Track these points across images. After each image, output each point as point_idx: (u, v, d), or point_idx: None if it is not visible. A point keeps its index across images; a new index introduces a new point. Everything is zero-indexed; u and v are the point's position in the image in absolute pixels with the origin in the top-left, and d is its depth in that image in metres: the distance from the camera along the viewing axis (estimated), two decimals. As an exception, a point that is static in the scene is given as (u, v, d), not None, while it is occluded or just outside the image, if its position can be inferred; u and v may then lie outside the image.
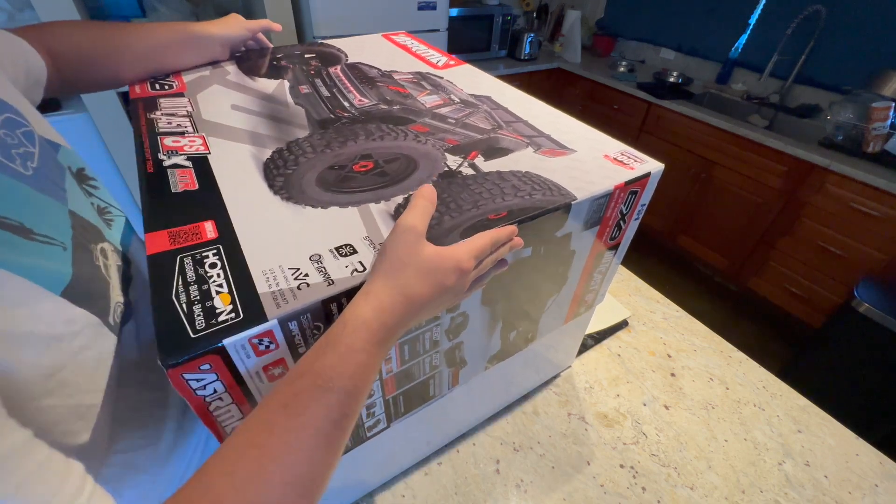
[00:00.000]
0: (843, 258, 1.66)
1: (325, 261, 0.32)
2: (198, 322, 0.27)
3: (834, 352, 1.57)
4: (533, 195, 0.40)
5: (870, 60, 1.80)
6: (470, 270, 0.32)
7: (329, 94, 0.55)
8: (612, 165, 0.45)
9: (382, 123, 0.49)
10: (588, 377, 0.73)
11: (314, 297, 0.29)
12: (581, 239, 0.45)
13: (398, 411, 0.46)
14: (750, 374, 0.74)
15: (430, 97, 0.56)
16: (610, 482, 0.59)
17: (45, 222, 0.30)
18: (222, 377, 0.27)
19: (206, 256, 0.31)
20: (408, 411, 0.47)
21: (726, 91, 2.24)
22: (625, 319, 0.82)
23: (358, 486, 0.55)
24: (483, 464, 0.60)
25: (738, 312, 2.06)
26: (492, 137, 0.49)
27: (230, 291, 0.29)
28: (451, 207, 0.37)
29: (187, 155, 0.42)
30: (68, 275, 0.30)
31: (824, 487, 0.59)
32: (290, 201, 0.37)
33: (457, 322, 0.42)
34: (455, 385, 0.50)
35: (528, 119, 0.53)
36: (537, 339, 0.56)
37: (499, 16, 2.37)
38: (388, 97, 0.55)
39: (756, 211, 1.90)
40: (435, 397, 0.49)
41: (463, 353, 0.46)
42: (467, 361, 0.48)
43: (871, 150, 1.62)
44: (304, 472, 0.24)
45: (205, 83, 0.55)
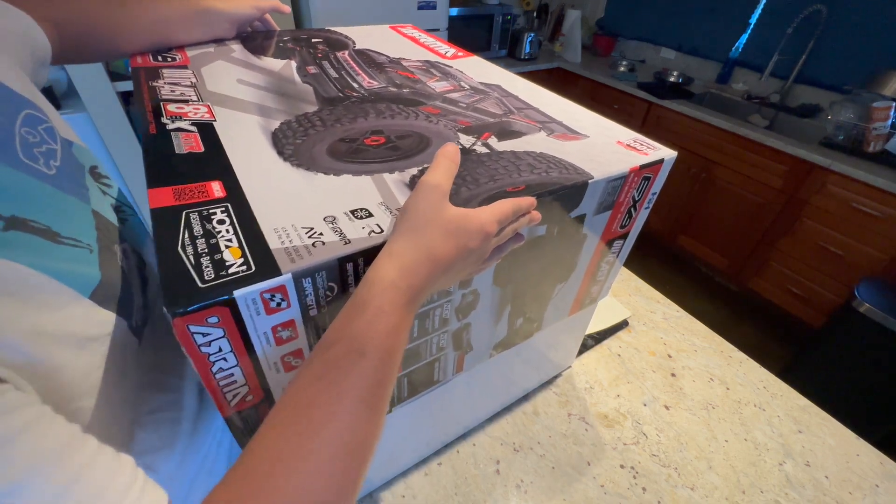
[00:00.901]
0: (844, 258, 1.66)
1: (339, 222, 0.31)
2: (206, 273, 0.26)
3: (834, 352, 1.57)
4: (549, 172, 0.39)
5: (870, 60, 1.80)
6: (493, 234, 0.31)
7: (337, 76, 0.54)
8: (626, 150, 0.45)
9: (392, 104, 0.48)
10: (588, 377, 0.73)
11: (331, 255, 0.28)
12: (593, 223, 0.45)
13: (401, 395, 0.45)
14: (750, 375, 0.74)
15: (439, 83, 0.55)
16: (610, 482, 0.59)
17: (71, 224, 0.29)
18: (229, 334, 0.27)
19: (213, 213, 0.30)
20: (411, 395, 0.46)
21: (727, 91, 2.24)
22: (625, 319, 0.82)
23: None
24: (483, 464, 0.60)
25: (739, 312, 2.06)
26: (504, 121, 0.48)
27: (240, 246, 0.28)
28: (468, 180, 0.37)
29: (192, 121, 0.41)
30: (96, 277, 0.29)
31: (825, 488, 0.59)
32: (301, 168, 0.36)
33: (468, 300, 0.41)
34: (459, 371, 0.49)
35: (539, 107, 0.53)
36: (541, 331, 0.56)
37: (499, 15, 2.37)
38: (398, 81, 0.54)
39: (757, 211, 1.90)
40: (439, 382, 0.48)
41: (470, 335, 0.46)
42: (473, 346, 0.48)
43: (872, 150, 1.62)
44: (349, 442, 0.24)
45: (209, 58, 0.54)
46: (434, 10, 1.84)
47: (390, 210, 0.33)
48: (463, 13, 2.24)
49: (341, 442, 0.23)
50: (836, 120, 1.71)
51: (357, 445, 0.24)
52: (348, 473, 0.24)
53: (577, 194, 0.40)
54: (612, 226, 0.48)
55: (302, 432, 0.23)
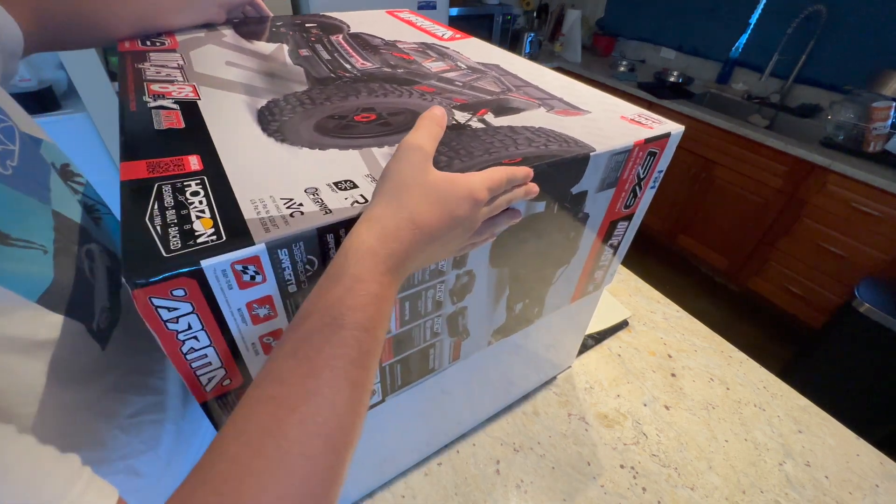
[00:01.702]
0: (844, 258, 1.66)
1: (321, 193, 0.29)
2: (173, 242, 0.24)
3: (834, 352, 1.57)
4: (549, 146, 0.37)
5: (870, 60, 1.80)
6: (483, 202, 0.29)
7: (330, 58, 0.53)
8: (630, 125, 0.43)
9: (386, 83, 0.47)
10: (588, 377, 0.73)
11: (309, 225, 0.26)
12: (596, 201, 0.43)
13: (395, 383, 0.43)
14: (750, 375, 0.74)
15: (435, 63, 0.54)
16: (610, 482, 0.59)
17: (25, 225, 0.28)
18: (199, 309, 0.25)
19: (187, 185, 0.28)
20: (405, 384, 0.45)
21: (727, 91, 2.24)
22: (625, 319, 0.82)
23: (358, 486, 0.54)
24: (483, 464, 0.60)
25: (739, 312, 2.06)
26: (501, 98, 0.46)
27: (213, 216, 0.26)
28: (462, 153, 0.35)
29: (175, 99, 0.39)
30: (48, 280, 0.28)
31: (825, 488, 0.59)
32: (286, 143, 0.35)
33: (462, 282, 0.39)
34: (456, 359, 0.48)
35: (540, 84, 0.51)
36: (541, 321, 0.54)
37: (499, 15, 2.37)
38: (392, 62, 0.53)
39: (756, 211, 1.90)
40: (435, 371, 0.47)
41: (466, 321, 0.44)
42: (470, 332, 0.46)
43: (872, 150, 1.62)
44: (328, 421, 0.22)
45: (199, 43, 0.53)
46: (434, 9, 1.84)
47: (377, 181, 0.31)
48: (463, 13, 2.24)
49: (320, 421, 0.21)
50: (836, 120, 1.71)
51: (338, 426, 0.22)
52: (329, 459, 0.21)
53: (577, 168, 0.38)
54: (615, 205, 0.46)
55: (275, 411, 0.21)
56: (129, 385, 0.37)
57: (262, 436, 0.20)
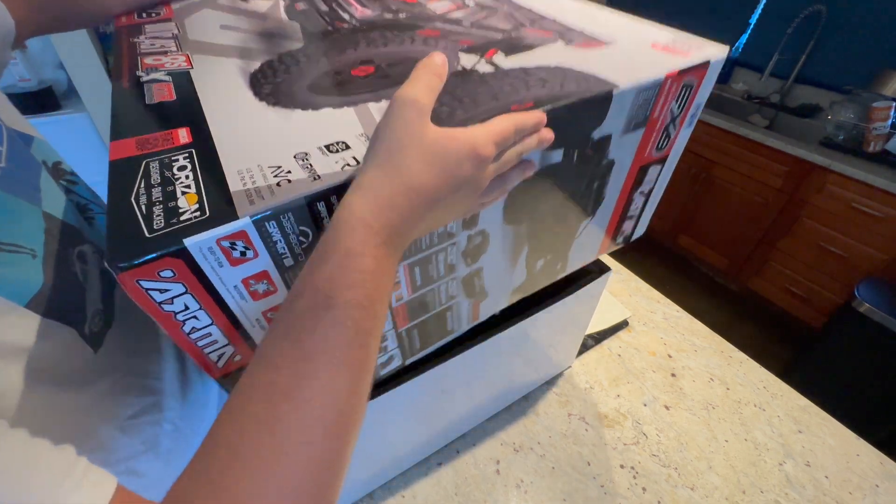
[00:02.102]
0: (844, 258, 1.66)
1: (311, 158, 0.27)
2: (156, 222, 0.23)
3: (834, 352, 1.57)
4: (565, 85, 0.33)
5: (870, 60, 1.80)
6: (489, 159, 0.26)
7: (328, 9, 0.50)
8: (662, 53, 0.38)
9: (386, 30, 0.43)
10: (588, 377, 0.73)
11: (296, 193, 0.25)
12: (622, 146, 0.38)
13: (413, 347, 0.41)
14: (750, 375, 0.74)
15: (440, 3, 0.49)
16: (610, 483, 0.59)
17: (14, 228, 0.28)
18: (192, 289, 0.24)
19: (175, 160, 0.27)
20: (424, 347, 0.43)
21: (727, 91, 2.24)
22: (625, 319, 0.82)
23: (358, 486, 0.54)
24: (483, 464, 0.60)
25: (739, 312, 2.06)
26: (513, 36, 0.41)
27: (198, 191, 0.25)
28: (465, 102, 0.32)
29: (168, 71, 0.37)
30: (37, 284, 0.28)
31: (825, 488, 0.59)
32: (278, 106, 0.33)
33: (475, 243, 0.36)
34: (475, 320, 0.45)
35: (557, 17, 0.45)
36: (567, 271, 0.50)
37: (499, 15, 2.37)
38: (394, 7, 0.49)
39: (756, 211, 1.90)
40: (453, 332, 0.44)
41: (483, 281, 0.41)
42: (488, 293, 0.42)
43: (872, 150, 1.62)
44: (326, 406, 0.20)
45: (194, 9, 0.51)
46: (434, 10, 1.84)
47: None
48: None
49: (317, 406, 0.20)
50: (836, 120, 1.72)
51: (337, 411, 0.21)
52: (330, 445, 0.20)
53: (598, 109, 0.34)
54: (645, 148, 0.41)
55: (269, 398, 0.20)
56: (126, 387, 0.37)
57: (258, 425, 0.19)
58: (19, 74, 1.38)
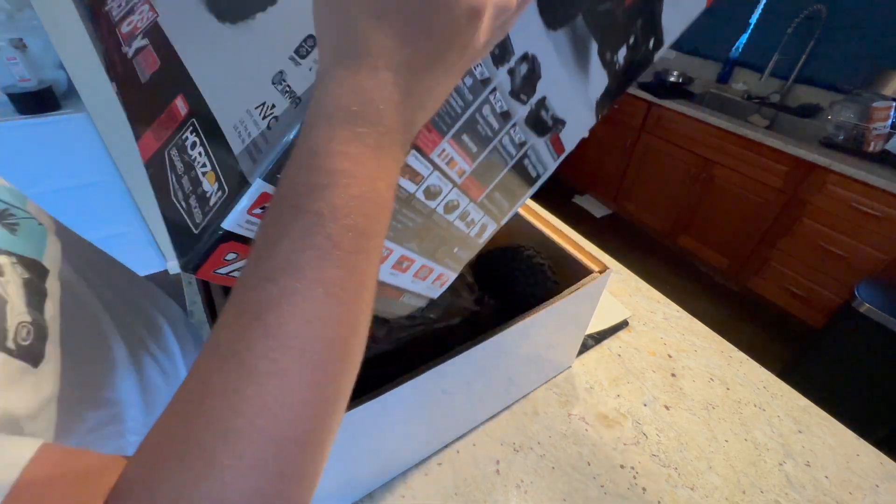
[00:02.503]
0: (844, 258, 1.66)
1: (287, 76, 0.25)
2: (196, 215, 0.23)
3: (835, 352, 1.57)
4: None
5: (870, 60, 1.80)
6: (482, 8, 0.20)
7: None
8: None
9: None
10: (588, 377, 0.73)
11: (284, 134, 0.23)
12: None
13: (502, 208, 0.38)
14: (750, 375, 0.74)
15: None
16: (610, 482, 0.59)
17: None
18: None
19: (185, 139, 0.27)
20: (514, 203, 0.39)
21: (727, 91, 2.24)
22: (625, 319, 0.82)
23: (358, 486, 0.54)
24: (483, 464, 0.60)
25: (739, 312, 2.06)
26: None
27: (213, 168, 0.25)
28: None
29: (142, 31, 0.35)
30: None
31: (825, 488, 0.59)
32: (238, 21, 0.29)
33: (522, 73, 0.30)
34: (560, 153, 0.38)
35: None
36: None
37: (499, 15, 2.37)
38: None
39: (756, 211, 1.90)
40: (540, 177, 0.39)
41: (553, 110, 0.34)
42: (565, 119, 0.36)
43: (872, 150, 1.62)
44: (300, 332, 0.18)
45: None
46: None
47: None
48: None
49: (290, 334, 0.17)
50: (836, 120, 1.72)
51: (316, 338, 0.18)
52: (309, 378, 0.18)
53: None
54: None
55: (240, 324, 0.18)
56: (79, 399, 0.34)
57: (229, 351, 0.17)
58: (19, 74, 1.38)
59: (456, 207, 0.34)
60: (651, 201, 2.35)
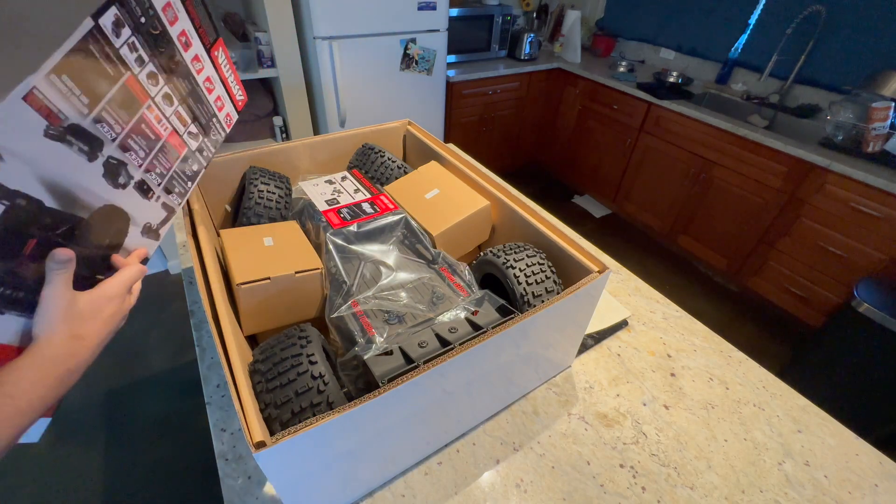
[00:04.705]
0: (843, 258, 1.66)
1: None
2: None
3: (834, 352, 1.57)
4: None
5: (870, 60, 1.80)
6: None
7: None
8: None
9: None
10: (588, 377, 0.73)
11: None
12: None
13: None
14: (750, 374, 0.74)
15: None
16: (610, 482, 0.59)
17: None
18: None
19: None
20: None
21: (726, 91, 2.24)
22: (625, 319, 0.82)
23: (358, 486, 0.55)
24: (483, 463, 0.60)
25: (738, 312, 2.06)
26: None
27: None
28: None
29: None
30: None
31: (824, 487, 0.59)
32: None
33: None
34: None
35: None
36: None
37: (499, 16, 2.37)
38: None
39: (756, 211, 1.90)
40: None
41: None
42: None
43: (871, 150, 1.62)
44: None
45: None
46: (434, 10, 1.84)
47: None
48: (463, 14, 2.24)
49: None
50: (835, 120, 1.72)
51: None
52: None
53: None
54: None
55: None
56: None
57: None
58: (19, 75, 1.37)
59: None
60: (650, 201, 2.35)
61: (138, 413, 1.52)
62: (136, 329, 1.81)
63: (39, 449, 1.39)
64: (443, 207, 0.77)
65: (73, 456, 1.38)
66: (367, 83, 1.87)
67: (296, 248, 0.68)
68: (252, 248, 0.65)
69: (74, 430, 1.45)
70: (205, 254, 0.58)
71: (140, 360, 1.70)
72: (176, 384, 1.62)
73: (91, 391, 1.57)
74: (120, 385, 1.61)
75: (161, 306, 1.92)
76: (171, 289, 2.01)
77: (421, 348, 0.52)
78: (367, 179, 0.87)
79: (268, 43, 1.68)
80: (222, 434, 0.61)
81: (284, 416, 0.44)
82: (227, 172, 0.83)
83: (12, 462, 1.35)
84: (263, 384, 0.46)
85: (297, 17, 1.70)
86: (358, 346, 0.53)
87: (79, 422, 1.48)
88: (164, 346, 1.76)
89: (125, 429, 1.47)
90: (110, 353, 1.71)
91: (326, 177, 0.87)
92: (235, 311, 0.60)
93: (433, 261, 0.71)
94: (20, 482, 1.31)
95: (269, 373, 0.47)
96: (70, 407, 1.52)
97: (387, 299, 0.63)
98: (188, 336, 1.76)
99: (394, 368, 0.49)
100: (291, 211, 0.83)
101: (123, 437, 1.45)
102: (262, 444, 0.37)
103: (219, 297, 0.52)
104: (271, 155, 0.87)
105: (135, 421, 1.50)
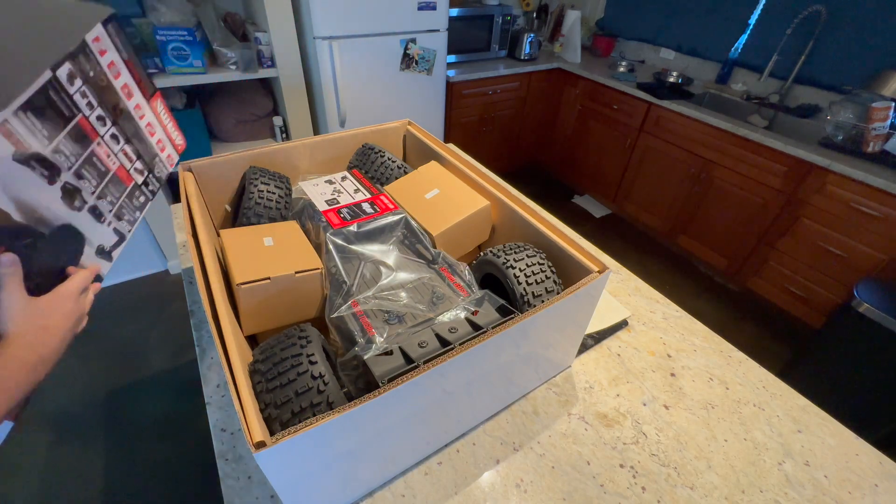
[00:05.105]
0: (843, 258, 1.66)
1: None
2: None
3: (834, 352, 1.57)
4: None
5: (870, 60, 1.80)
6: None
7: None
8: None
9: None
10: (588, 377, 0.73)
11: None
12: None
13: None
14: (750, 374, 0.74)
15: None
16: (610, 482, 0.59)
17: None
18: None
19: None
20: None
21: (726, 91, 2.24)
22: (625, 319, 0.82)
23: (358, 486, 0.55)
24: (483, 463, 0.60)
25: (738, 312, 2.06)
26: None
27: None
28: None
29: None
30: None
31: (824, 487, 0.59)
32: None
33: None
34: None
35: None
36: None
37: (499, 16, 2.37)
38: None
39: (756, 211, 1.90)
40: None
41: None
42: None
43: (871, 150, 1.62)
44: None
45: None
46: (434, 10, 1.84)
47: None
48: (463, 14, 2.24)
49: None
50: (835, 120, 1.72)
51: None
52: None
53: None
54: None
55: None
56: None
57: None
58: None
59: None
60: (650, 201, 2.35)
61: (138, 413, 1.52)
62: (136, 329, 1.81)
63: (40, 449, 1.39)
64: (443, 207, 0.77)
65: (73, 456, 1.38)
66: (367, 83, 1.87)
67: (296, 248, 0.68)
68: (252, 248, 0.65)
69: (74, 430, 1.45)
70: (205, 254, 0.58)
71: (140, 360, 1.70)
72: (176, 384, 1.62)
73: (91, 391, 1.57)
74: (120, 385, 1.61)
75: (161, 306, 1.92)
76: (171, 289, 2.01)
77: (421, 348, 0.52)
78: (367, 179, 0.87)
79: (268, 43, 1.69)
80: (222, 434, 0.62)
81: (284, 417, 0.44)
82: (227, 172, 0.83)
83: (12, 462, 1.35)
84: (263, 384, 0.46)
85: (297, 17, 1.70)
86: (358, 346, 0.53)
87: (79, 422, 1.48)
88: (164, 346, 1.76)
89: (125, 429, 1.47)
90: (110, 353, 1.71)
91: (326, 177, 0.87)
92: (235, 311, 0.60)
93: (433, 261, 0.71)
94: (20, 482, 1.31)
95: (269, 373, 0.47)
96: (70, 407, 1.52)
97: (387, 299, 0.63)
98: (188, 336, 1.76)
99: (394, 368, 0.49)
100: (291, 211, 0.83)
101: (123, 437, 1.45)
102: (262, 444, 0.37)
103: (219, 297, 0.52)
104: (271, 155, 0.87)
105: (135, 421, 1.50)
